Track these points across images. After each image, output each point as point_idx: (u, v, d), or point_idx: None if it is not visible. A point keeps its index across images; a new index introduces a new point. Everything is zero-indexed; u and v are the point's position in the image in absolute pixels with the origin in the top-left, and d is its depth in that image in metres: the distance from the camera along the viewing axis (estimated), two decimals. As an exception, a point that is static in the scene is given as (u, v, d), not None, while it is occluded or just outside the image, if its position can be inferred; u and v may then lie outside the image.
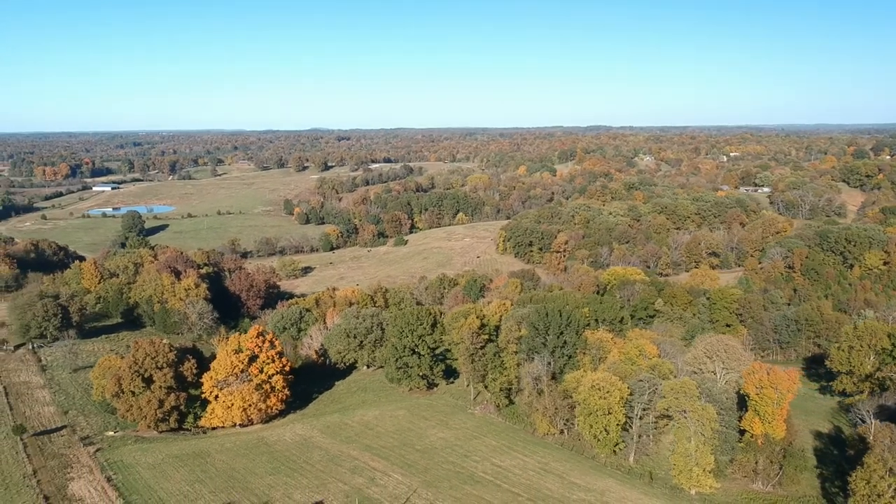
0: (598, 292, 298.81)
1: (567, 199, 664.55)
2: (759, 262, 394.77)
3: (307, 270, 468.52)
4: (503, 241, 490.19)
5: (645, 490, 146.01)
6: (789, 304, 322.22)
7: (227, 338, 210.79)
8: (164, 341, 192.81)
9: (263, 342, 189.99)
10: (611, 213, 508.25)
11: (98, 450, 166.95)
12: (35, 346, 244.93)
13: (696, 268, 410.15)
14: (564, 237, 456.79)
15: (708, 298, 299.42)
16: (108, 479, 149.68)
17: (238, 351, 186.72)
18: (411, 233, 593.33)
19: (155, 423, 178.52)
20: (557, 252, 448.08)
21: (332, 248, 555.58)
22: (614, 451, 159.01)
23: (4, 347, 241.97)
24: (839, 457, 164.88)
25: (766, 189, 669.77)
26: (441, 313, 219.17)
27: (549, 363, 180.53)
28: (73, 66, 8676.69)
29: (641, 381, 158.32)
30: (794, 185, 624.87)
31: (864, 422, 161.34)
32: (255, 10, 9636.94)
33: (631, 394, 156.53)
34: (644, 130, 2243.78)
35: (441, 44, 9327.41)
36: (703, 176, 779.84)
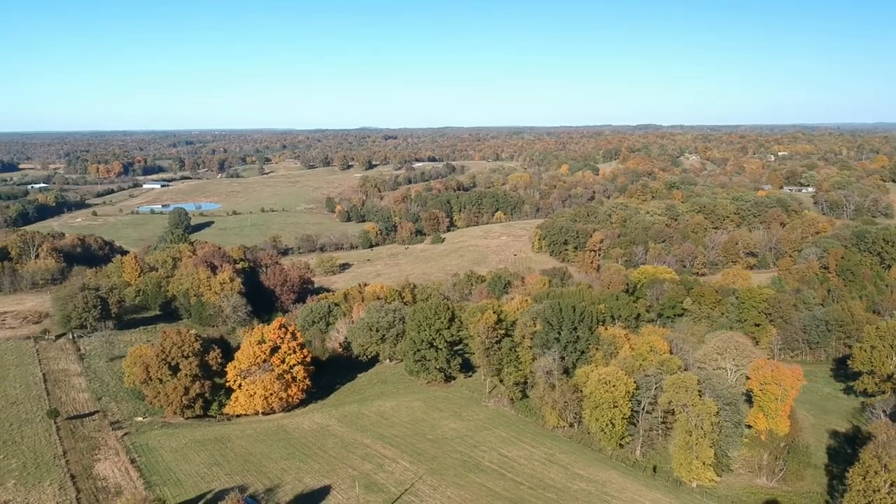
0: (627, 291, 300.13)
1: (608, 198, 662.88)
2: (794, 262, 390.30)
3: (345, 267, 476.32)
4: (538, 239, 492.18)
5: (646, 482, 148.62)
6: (822, 305, 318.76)
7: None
8: (192, 331, 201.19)
9: (285, 334, 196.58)
10: (648, 213, 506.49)
11: (126, 434, 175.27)
12: (75, 335, 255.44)
13: (732, 266, 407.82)
14: (600, 236, 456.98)
15: (737, 298, 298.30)
16: (132, 461, 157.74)
17: (261, 342, 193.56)
18: (448, 231, 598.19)
19: (181, 410, 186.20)
20: (592, 251, 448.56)
21: (370, 246, 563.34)
22: (620, 445, 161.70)
23: (46, 337, 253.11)
24: (852, 455, 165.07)
25: (810, 189, 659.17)
26: (460, 308, 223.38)
27: (563, 357, 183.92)
28: (130, 66, 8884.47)
29: (648, 376, 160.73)
30: (840, 185, 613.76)
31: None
32: (310, 12, 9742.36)
33: (637, 388, 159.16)
34: (695, 129, 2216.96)
35: (491, 43, 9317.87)
36: (747, 175, 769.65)
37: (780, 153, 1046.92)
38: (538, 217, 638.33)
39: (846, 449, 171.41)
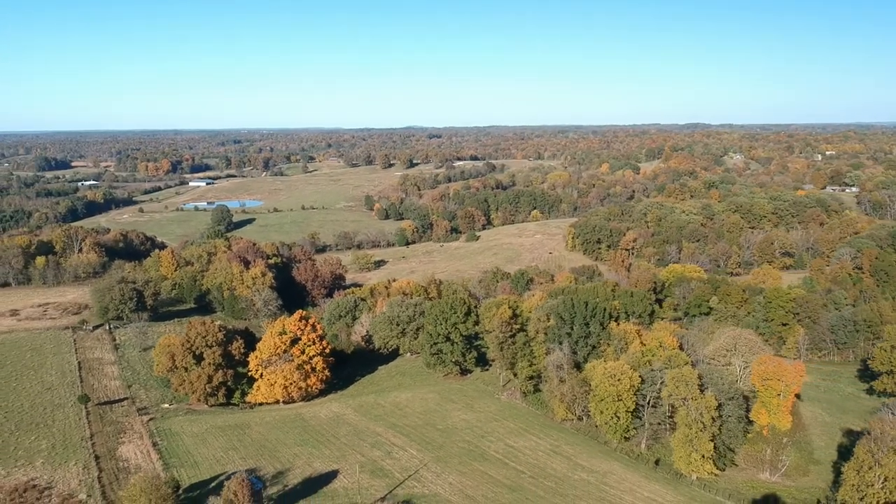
0: (654, 289, 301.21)
1: (647, 197, 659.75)
2: (827, 263, 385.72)
3: (380, 264, 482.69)
4: (572, 238, 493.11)
5: (647, 474, 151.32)
6: (853, 306, 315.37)
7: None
8: (217, 322, 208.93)
9: (305, 326, 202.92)
10: (683, 212, 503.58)
11: (151, 419, 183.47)
12: (112, 326, 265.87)
13: (761, 267, 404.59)
14: (633, 235, 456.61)
15: (764, 297, 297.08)
16: (154, 444, 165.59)
17: (282, 333, 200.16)
18: (484, 229, 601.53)
19: (205, 397, 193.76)
20: (625, 250, 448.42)
21: (407, 243, 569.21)
22: (625, 438, 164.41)
23: (84, 327, 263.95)
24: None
25: (854, 189, 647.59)
26: (478, 303, 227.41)
27: (575, 352, 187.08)
28: (181, 65, 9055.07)
29: (653, 370, 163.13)
30: (884, 185, 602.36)
31: None
32: (362, 11, 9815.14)
33: (642, 382, 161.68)
34: (744, 128, 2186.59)
35: (540, 42, 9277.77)
36: (790, 175, 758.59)
37: (827, 152, 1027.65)
38: (576, 216, 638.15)
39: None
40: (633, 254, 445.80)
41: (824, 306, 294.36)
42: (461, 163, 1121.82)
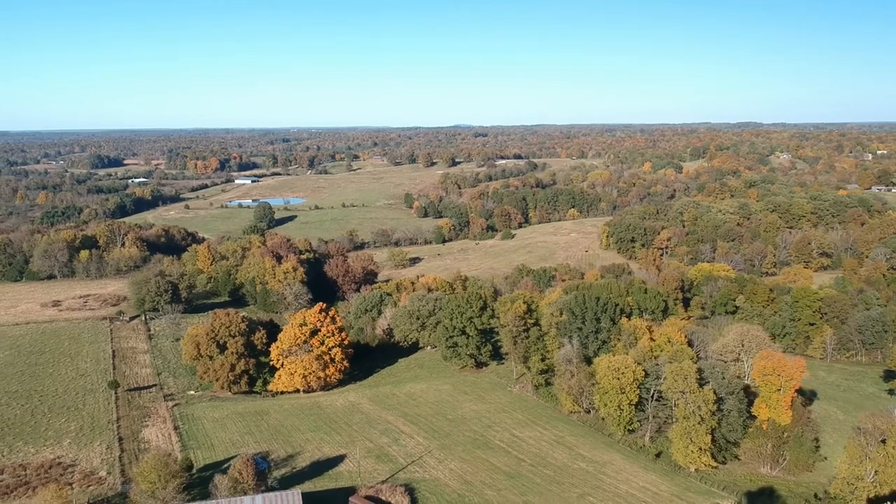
0: (682, 287, 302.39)
1: (688, 196, 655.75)
2: (861, 263, 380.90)
3: (415, 261, 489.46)
4: (606, 236, 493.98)
5: (646, 465, 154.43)
6: (884, 306, 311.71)
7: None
8: (242, 314, 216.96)
9: (325, 318, 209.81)
10: (720, 211, 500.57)
11: (176, 405, 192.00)
12: (147, 317, 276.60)
13: (805, 267, 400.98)
14: (667, 234, 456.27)
15: (791, 296, 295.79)
16: (176, 428, 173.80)
17: (302, 324, 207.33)
18: (520, 227, 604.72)
19: (228, 385, 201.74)
20: (659, 248, 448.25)
21: (443, 241, 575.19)
22: (629, 430, 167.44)
23: (121, 318, 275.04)
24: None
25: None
26: (495, 298, 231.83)
27: (586, 346, 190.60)
28: (234, 66, 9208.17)
29: (657, 365, 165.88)
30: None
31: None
32: (412, 10, 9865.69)
33: (646, 376, 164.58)
34: (797, 127, 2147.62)
35: (588, 43, 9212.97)
36: (835, 174, 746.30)
37: (878, 151, 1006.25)
38: (615, 215, 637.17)
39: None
40: (666, 252, 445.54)
41: (854, 306, 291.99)
42: (503, 161, 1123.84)
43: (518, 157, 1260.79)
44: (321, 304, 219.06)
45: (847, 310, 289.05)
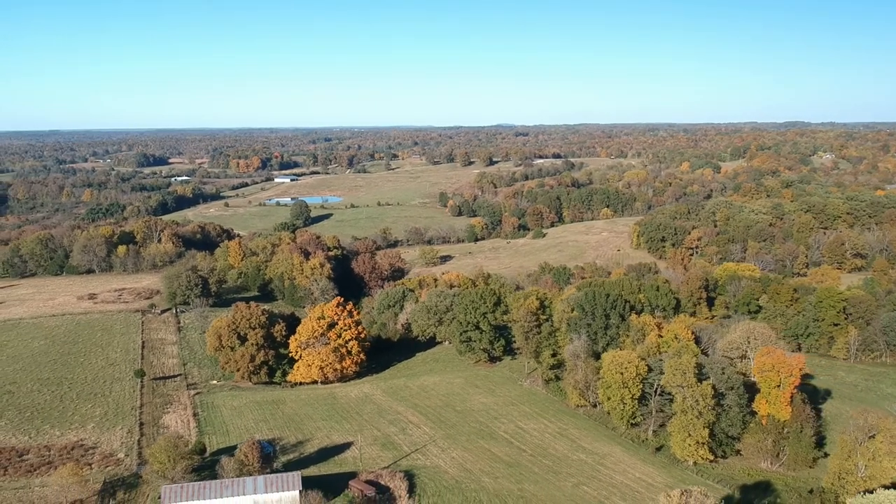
0: (706, 287, 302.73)
1: (724, 196, 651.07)
2: (892, 265, 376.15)
3: (446, 259, 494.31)
4: (636, 236, 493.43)
5: (645, 458, 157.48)
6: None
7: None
8: (263, 307, 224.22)
9: (342, 311, 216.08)
10: (752, 211, 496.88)
11: (197, 393, 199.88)
12: (178, 310, 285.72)
13: (838, 268, 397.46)
14: (698, 233, 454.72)
15: (815, 296, 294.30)
16: (195, 415, 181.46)
17: (320, 318, 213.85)
18: (552, 226, 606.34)
19: (248, 375, 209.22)
20: (689, 248, 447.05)
21: (476, 240, 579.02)
22: (632, 424, 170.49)
23: (153, 311, 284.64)
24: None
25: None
26: (508, 294, 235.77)
27: (596, 342, 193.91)
28: (278, 66, 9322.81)
29: (660, 360, 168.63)
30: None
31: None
32: (454, 10, 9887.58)
33: (649, 371, 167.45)
34: (846, 126, 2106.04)
35: (629, 44, 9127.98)
36: (877, 174, 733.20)
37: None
38: (646, 214, 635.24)
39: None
40: (697, 252, 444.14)
41: (880, 307, 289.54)
42: (540, 161, 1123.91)
43: (557, 156, 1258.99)
44: (339, 298, 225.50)
45: (873, 310, 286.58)
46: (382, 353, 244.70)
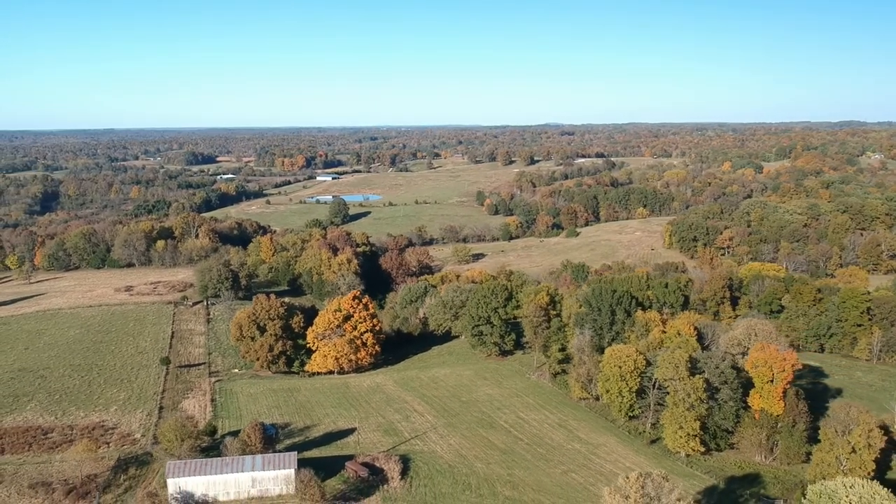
0: (730, 286, 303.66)
1: (764, 196, 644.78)
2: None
3: (478, 257, 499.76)
4: (668, 235, 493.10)
5: (638, 449, 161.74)
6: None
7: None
8: (284, 299, 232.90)
9: (358, 304, 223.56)
10: (787, 211, 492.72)
11: (218, 381, 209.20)
12: (209, 303, 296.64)
13: (873, 270, 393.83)
14: (730, 233, 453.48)
15: (838, 297, 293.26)
16: (212, 400, 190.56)
17: (337, 310, 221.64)
18: (587, 225, 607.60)
19: (267, 365, 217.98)
20: (720, 248, 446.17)
21: (510, 238, 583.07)
22: (630, 416, 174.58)
23: (185, 303, 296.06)
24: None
25: None
26: (519, 289, 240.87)
27: (601, 336, 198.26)
28: (327, 66, 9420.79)
29: (657, 355, 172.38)
30: None
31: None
32: (504, 9, 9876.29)
33: (648, 365, 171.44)
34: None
35: (682, 44, 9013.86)
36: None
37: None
38: (680, 214, 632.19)
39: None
40: (729, 252, 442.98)
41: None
42: (581, 160, 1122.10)
43: (600, 155, 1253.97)
44: (355, 291, 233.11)
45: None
46: (403, 346, 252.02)
